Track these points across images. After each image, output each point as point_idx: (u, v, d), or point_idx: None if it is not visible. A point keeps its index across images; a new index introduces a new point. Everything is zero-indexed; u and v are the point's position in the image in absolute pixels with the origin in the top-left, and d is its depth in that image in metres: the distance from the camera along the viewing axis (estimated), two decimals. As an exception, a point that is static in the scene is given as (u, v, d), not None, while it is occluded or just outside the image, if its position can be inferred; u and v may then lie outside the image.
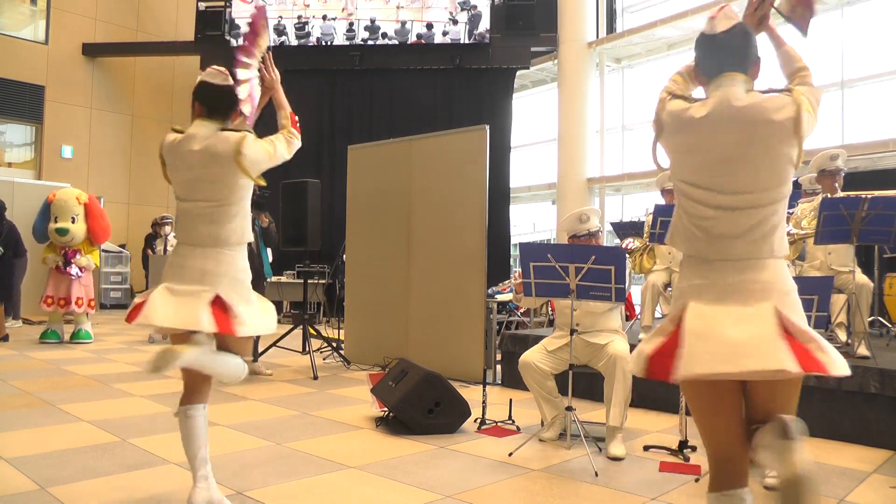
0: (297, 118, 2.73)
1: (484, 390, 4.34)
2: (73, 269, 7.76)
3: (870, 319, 5.08)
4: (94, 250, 8.15)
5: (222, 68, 2.75)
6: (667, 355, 1.78)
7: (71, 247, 7.85)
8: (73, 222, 7.80)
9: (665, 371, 1.77)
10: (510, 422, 4.26)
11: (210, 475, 2.58)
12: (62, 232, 7.76)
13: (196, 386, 2.62)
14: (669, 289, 5.57)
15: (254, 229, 5.92)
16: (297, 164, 11.42)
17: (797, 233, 4.90)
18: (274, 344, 6.42)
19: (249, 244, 6.26)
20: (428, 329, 6.28)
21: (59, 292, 7.73)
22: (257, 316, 2.63)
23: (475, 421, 4.22)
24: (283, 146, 2.67)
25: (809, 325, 3.16)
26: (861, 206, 4.34)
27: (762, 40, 2.05)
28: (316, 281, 9.98)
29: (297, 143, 2.73)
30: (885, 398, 3.85)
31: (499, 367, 6.05)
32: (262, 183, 2.66)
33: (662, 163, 1.97)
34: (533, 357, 3.91)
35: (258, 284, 6.00)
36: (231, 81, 2.68)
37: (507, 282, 4.76)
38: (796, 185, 6.63)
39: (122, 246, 13.65)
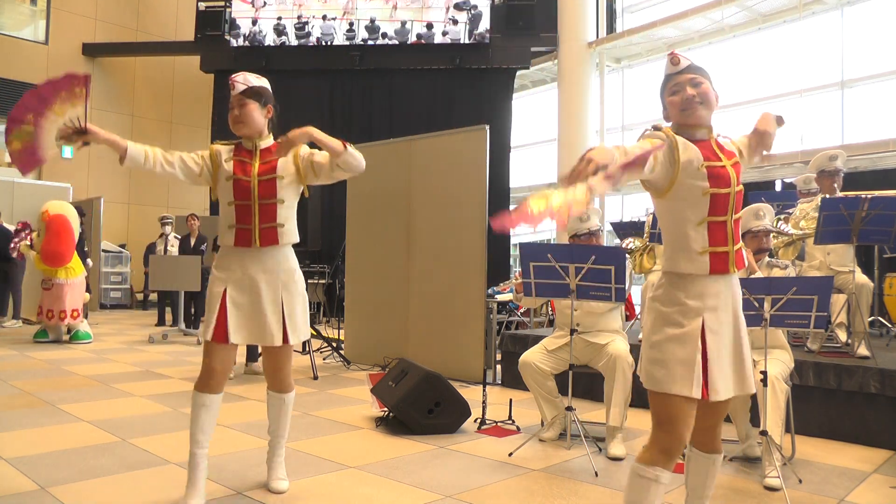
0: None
1: (484, 390, 4.34)
2: (14, 245, 7.77)
3: (870, 319, 5.08)
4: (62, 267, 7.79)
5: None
6: None
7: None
8: (38, 236, 7.85)
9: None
10: (510, 422, 4.26)
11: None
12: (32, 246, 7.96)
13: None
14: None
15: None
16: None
17: (795, 233, 4.90)
18: (274, 344, 6.41)
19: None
20: (428, 329, 6.28)
21: (41, 302, 7.78)
22: None
23: (475, 421, 4.22)
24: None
25: (809, 325, 3.19)
26: (861, 206, 4.34)
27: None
28: (316, 281, 10.00)
29: None
30: (885, 398, 3.85)
31: (499, 367, 6.05)
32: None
33: None
34: (533, 357, 3.91)
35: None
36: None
37: (507, 282, 4.75)
38: (791, 185, 6.63)
39: (122, 246, 13.66)
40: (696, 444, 2.19)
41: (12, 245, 7.85)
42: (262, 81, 2.83)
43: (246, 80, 2.77)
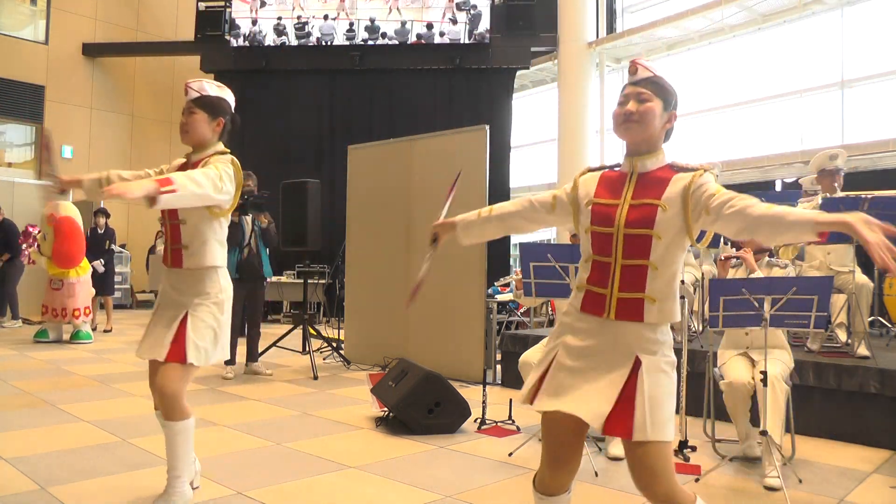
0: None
1: (484, 390, 4.34)
2: (26, 254, 7.82)
3: (870, 319, 5.08)
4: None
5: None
6: None
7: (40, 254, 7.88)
8: (43, 238, 7.87)
9: None
10: (510, 422, 4.26)
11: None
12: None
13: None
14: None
15: (253, 229, 5.95)
16: (297, 164, 11.53)
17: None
18: (274, 344, 6.42)
19: (249, 244, 6.24)
20: (428, 329, 6.27)
21: (48, 302, 7.79)
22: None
23: (475, 421, 4.22)
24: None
25: (809, 325, 3.19)
26: (861, 206, 4.34)
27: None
28: (316, 281, 9.98)
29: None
30: (885, 398, 3.85)
31: (499, 367, 6.05)
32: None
33: None
34: (533, 357, 3.90)
35: (258, 285, 6.03)
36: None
37: (507, 278, 4.74)
38: (796, 185, 6.63)
39: (123, 246, 13.65)
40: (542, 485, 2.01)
41: (24, 251, 7.88)
42: (222, 92, 2.69)
43: (201, 88, 2.62)
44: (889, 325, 5.87)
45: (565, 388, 1.86)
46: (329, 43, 12.49)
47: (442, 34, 12.21)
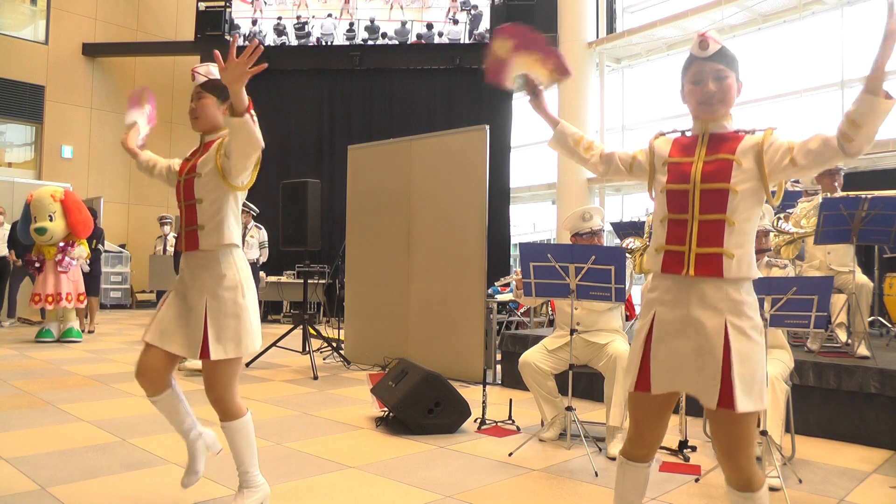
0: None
1: (484, 390, 4.34)
2: (66, 260, 7.75)
3: (870, 319, 5.08)
4: (82, 243, 8.04)
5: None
6: None
7: (55, 242, 7.81)
8: (50, 220, 7.75)
9: None
10: (510, 422, 4.26)
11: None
12: (40, 231, 7.72)
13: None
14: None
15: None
16: (297, 164, 11.54)
17: (797, 232, 4.90)
18: (274, 344, 6.42)
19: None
20: (428, 329, 6.27)
21: (46, 289, 7.68)
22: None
23: (475, 421, 4.22)
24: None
25: (809, 325, 3.19)
26: (861, 206, 4.35)
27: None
28: (316, 281, 9.99)
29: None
30: (885, 398, 3.85)
31: (499, 367, 6.05)
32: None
33: None
34: (533, 357, 3.90)
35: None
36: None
37: (507, 278, 4.72)
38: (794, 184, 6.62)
39: (122, 246, 13.66)
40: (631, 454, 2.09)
41: (69, 259, 7.82)
42: None
43: (208, 72, 2.56)
44: (889, 325, 5.87)
45: (674, 369, 1.90)
46: (329, 43, 12.50)
47: (441, 34, 12.21)
